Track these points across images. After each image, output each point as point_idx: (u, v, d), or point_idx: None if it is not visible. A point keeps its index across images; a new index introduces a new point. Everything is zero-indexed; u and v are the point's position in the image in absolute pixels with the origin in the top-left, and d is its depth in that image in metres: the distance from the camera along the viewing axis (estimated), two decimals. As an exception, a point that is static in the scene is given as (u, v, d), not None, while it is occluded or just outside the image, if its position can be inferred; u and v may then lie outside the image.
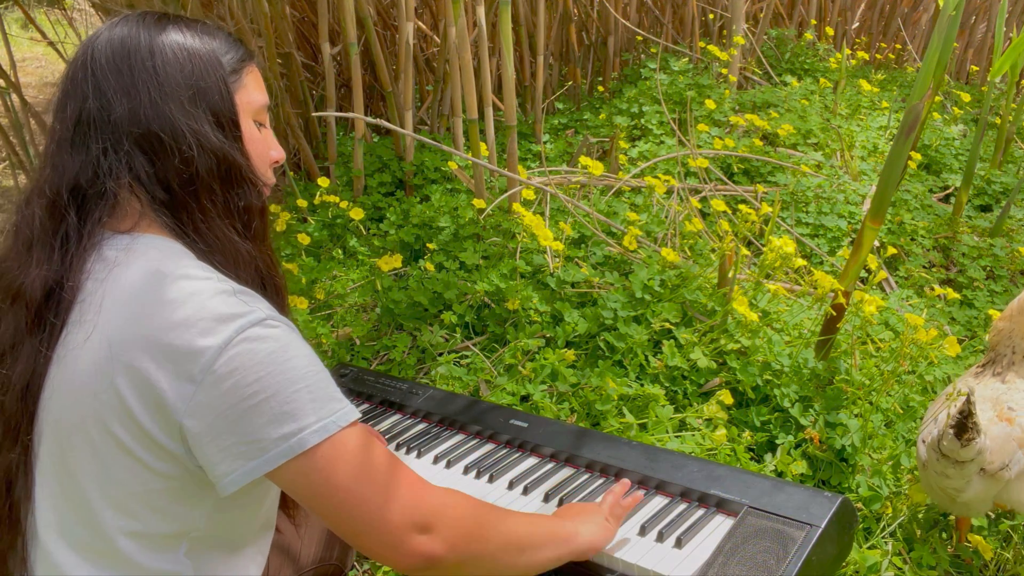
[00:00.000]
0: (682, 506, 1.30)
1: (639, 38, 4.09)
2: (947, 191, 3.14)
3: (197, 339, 0.91)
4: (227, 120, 1.04)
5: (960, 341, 2.22)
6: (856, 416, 1.74)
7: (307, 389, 0.93)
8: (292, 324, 0.98)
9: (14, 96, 3.07)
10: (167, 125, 0.99)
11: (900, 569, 1.53)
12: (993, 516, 1.67)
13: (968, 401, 1.34)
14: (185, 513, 0.98)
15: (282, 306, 1.07)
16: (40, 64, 7.41)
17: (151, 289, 0.94)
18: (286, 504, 1.21)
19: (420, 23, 3.61)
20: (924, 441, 1.48)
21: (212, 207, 1.02)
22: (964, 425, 1.35)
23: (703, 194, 2.72)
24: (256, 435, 0.91)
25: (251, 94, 1.09)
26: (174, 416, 0.91)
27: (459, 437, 1.57)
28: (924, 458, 1.47)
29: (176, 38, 1.03)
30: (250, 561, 1.11)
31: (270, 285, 1.07)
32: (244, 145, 1.06)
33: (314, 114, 3.06)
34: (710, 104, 3.13)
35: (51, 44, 3.42)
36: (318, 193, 2.62)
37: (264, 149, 1.11)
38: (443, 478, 1.44)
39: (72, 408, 0.95)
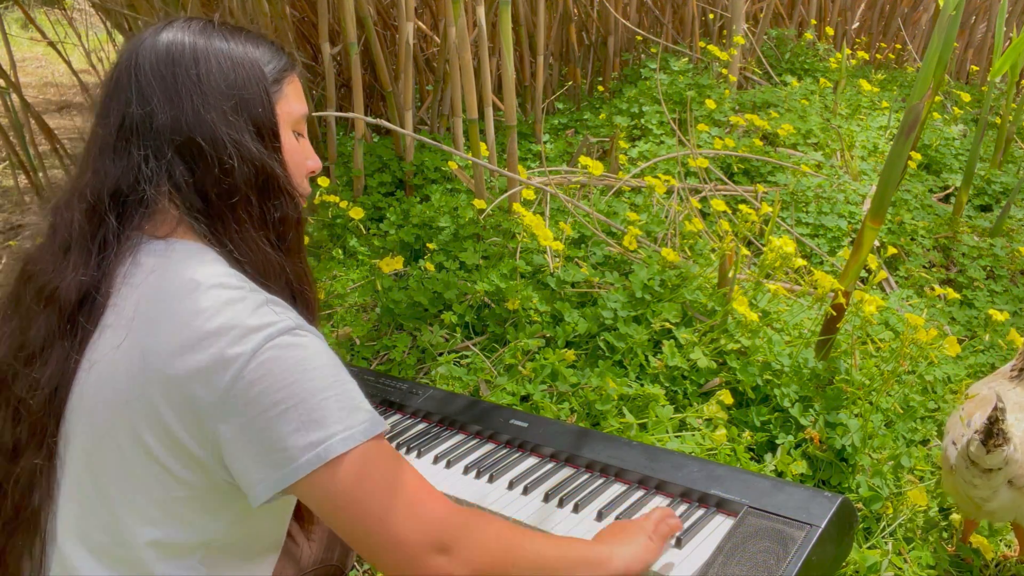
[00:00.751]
0: (682, 506, 1.30)
1: (639, 38, 4.09)
2: (947, 191, 3.14)
3: (228, 348, 0.91)
4: (267, 131, 1.04)
5: (960, 341, 2.22)
6: (856, 416, 1.74)
7: (335, 397, 0.93)
8: (321, 335, 0.98)
9: (14, 96, 3.07)
10: (208, 134, 1.00)
11: (900, 569, 1.53)
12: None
13: (996, 408, 1.33)
14: (206, 524, 0.98)
15: (312, 318, 1.07)
16: (40, 64, 7.41)
17: (185, 297, 0.94)
18: (301, 516, 1.21)
19: (420, 23, 3.61)
20: (955, 444, 1.47)
21: (248, 217, 1.02)
22: (991, 431, 1.34)
23: (703, 194, 2.72)
24: (284, 443, 0.91)
25: (291, 104, 1.09)
26: (207, 423, 0.92)
27: (459, 437, 1.57)
28: (953, 463, 1.45)
29: (220, 46, 1.03)
30: (259, 567, 1.11)
31: (300, 298, 1.07)
32: (283, 156, 1.06)
33: (314, 114, 3.06)
34: (710, 104, 3.13)
35: (51, 44, 3.43)
36: (318, 193, 2.62)
37: (301, 159, 1.11)
38: (443, 478, 1.45)
39: (102, 414, 0.95)
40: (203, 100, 1.00)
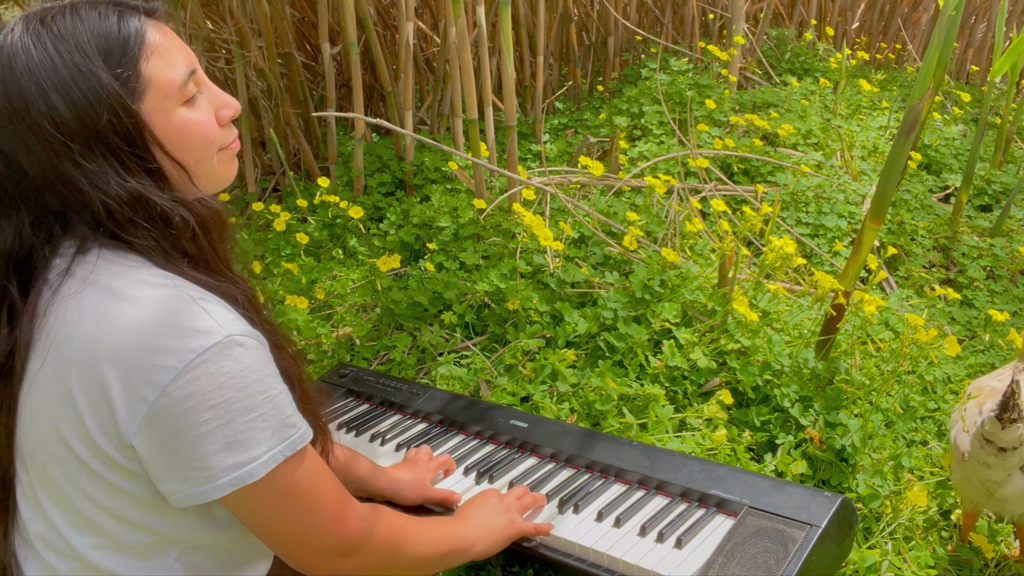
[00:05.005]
0: (682, 506, 1.31)
1: (639, 38, 4.09)
2: (947, 191, 3.14)
3: (154, 358, 0.87)
4: (132, 155, 0.91)
5: (960, 341, 2.22)
6: (856, 416, 1.74)
7: (262, 418, 0.90)
8: (261, 337, 0.93)
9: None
10: (71, 184, 0.90)
11: (899, 569, 1.53)
12: (992, 516, 1.67)
13: (1013, 382, 1.32)
14: (167, 524, 0.97)
15: (255, 314, 0.99)
16: (40, 64, 7.39)
17: (105, 305, 0.90)
18: None
19: (420, 23, 3.61)
20: (966, 431, 1.45)
21: (148, 248, 0.94)
22: (1006, 405, 1.33)
23: (703, 194, 2.72)
24: (206, 462, 0.89)
25: (164, 77, 0.92)
26: (124, 437, 0.89)
27: (459, 438, 1.57)
28: (965, 448, 1.43)
29: (44, 63, 0.87)
30: (252, 567, 1.10)
31: (236, 299, 0.97)
32: (170, 157, 0.94)
33: (314, 114, 3.07)
34: (710, 104, 3.13)
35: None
36: (318, 193, 2.61)
37: (205, 130, 0.97)
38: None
39: (39, 438, 0.94)
40: (48, 149, 0.88)
